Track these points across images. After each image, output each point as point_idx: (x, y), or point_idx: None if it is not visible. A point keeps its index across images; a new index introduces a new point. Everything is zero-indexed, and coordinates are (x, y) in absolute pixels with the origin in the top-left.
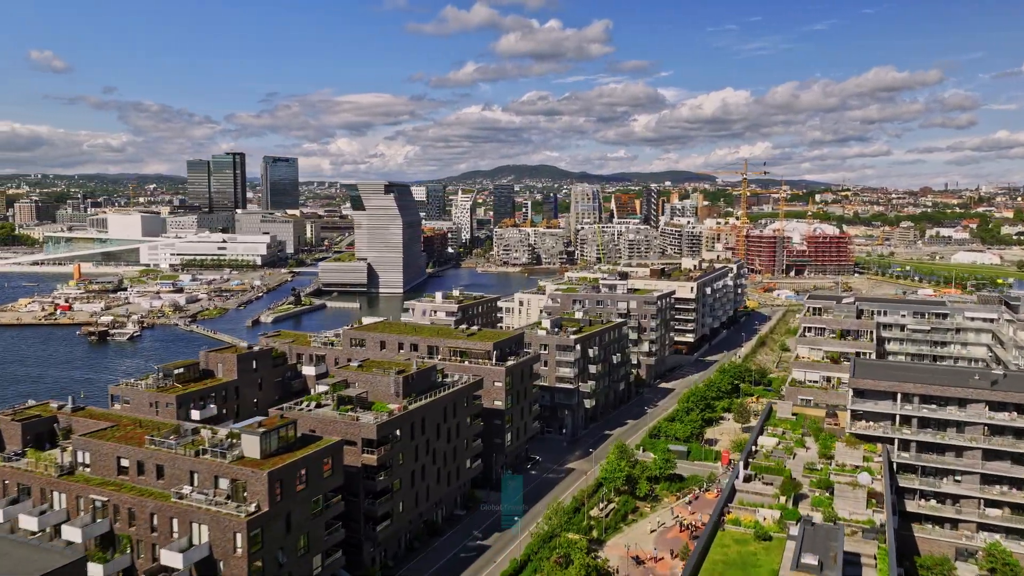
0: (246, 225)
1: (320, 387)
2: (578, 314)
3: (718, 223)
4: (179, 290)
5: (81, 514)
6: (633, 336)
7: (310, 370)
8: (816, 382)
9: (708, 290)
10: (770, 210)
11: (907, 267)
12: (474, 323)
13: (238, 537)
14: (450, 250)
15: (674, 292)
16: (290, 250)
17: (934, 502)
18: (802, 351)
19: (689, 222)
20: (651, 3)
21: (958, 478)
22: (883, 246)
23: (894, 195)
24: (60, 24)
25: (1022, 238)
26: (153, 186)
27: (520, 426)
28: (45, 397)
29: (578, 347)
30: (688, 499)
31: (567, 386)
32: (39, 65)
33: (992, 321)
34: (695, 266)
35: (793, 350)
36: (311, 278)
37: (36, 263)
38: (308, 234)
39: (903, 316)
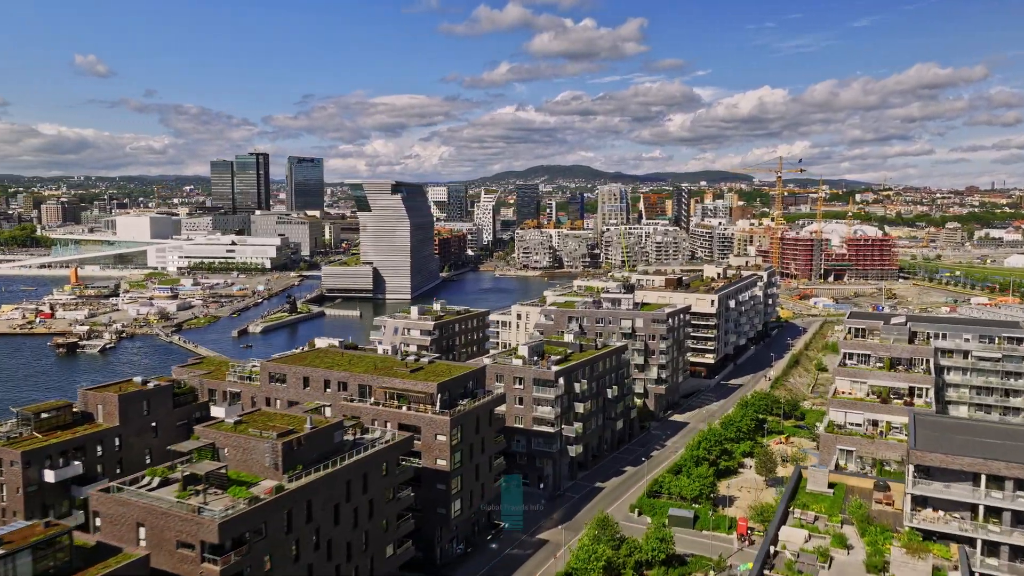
0: (262, 226)
1: (186, 446)
2: (568, 336)
3: (751, 224)
4: (174, 296)
5: None
6: (639, 360)
7: (220, 412)
8: (859, 425)
9: (732, 303)
10: (808, 210)
11: (956, 272)
12: (455, 343)
13: None
14: (469, 253)
15: (690, 307)
16: (305, 252)
17: None
18: (842, 384)
19: (720, 223)
20: (687, 1)
21: None
22: (928, 248)
23: (938, 195)
24: (102, 29)
25: None
26: (190, 187)
27: (474, 489)
28: None
29: (560, 381)
30: None
31: (547, 429)
32: (83, 70)
33: None
34: (719, 274)
35: (831, 376)
36: (319, 283)
37: (44, 266)
38: (327, 236)
39: (967, 340)
